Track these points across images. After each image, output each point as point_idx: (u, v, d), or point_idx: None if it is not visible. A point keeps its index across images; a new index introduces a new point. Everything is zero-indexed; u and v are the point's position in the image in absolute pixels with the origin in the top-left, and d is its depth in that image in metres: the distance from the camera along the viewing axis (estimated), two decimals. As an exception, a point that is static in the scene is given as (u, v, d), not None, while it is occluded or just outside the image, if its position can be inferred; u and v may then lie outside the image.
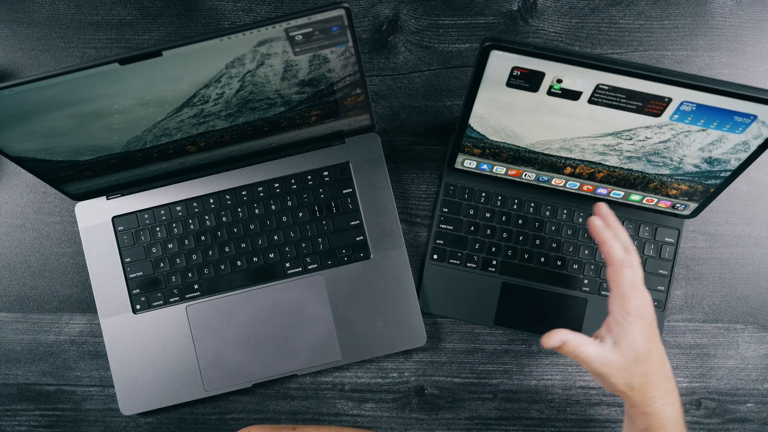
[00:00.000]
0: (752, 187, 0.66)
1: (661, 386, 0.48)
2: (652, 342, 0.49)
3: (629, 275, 0.49)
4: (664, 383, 0.49)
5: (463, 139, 0.58)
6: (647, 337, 0.48)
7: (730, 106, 0.46)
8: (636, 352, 0.48)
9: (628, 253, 0.50)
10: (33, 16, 0.69)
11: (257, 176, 0.64)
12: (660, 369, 0.49)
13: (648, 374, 0.48)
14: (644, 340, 0.48)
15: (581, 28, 0.68)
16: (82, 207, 0.64)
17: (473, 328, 0.64)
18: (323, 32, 0.46)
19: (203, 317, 0.62)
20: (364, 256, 0.63)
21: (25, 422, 0.64)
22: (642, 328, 0.48)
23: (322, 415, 0.63)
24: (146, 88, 0.48)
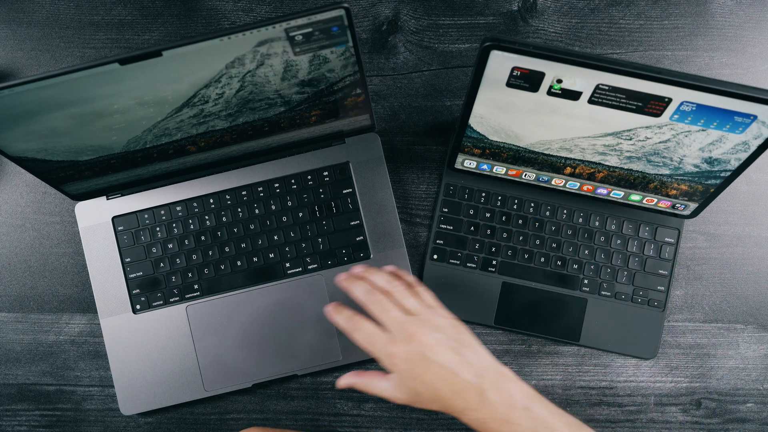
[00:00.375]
0: (752, 187, 0.66)
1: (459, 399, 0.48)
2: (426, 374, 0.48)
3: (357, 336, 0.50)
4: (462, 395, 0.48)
5: (463, 139, 0.58)
6: (418, 374, 0.48)
7: (730, 106, 0.46)
8: (412, 389, 0.49)
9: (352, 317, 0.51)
10: (33, 16, 0.69)
11: (257, 176, 0.64)
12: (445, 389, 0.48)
13: (438, 399, 0.48)
14: (415, 378, 0.48)
15: (581, 28, 0.68)
16: (82, 207, 0.64)
17: (473, 328, 0.64)
18: (323, 32, 0.46)
19: (203, 317, 0.62)
20: (364, 256, 0.63)
21: (25, 422, 0.64)
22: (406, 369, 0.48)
23: (322, 415, 0.63)
24: (146, 88, 0.48)
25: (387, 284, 0.52)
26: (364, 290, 0.51)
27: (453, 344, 0.49)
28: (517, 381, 0.49)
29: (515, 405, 0.48)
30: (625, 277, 0.63)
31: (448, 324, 0.51)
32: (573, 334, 0.63)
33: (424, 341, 0.48)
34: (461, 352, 0.49)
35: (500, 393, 0.48)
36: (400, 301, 0.51)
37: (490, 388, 0.48)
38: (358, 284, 0.52)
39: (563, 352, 0.64)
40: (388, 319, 0.49)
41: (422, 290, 0.53)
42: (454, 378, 0.48)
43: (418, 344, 0.48)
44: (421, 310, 0.50)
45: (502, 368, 0.50)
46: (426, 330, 0.49)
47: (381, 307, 0.50)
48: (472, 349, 0.50)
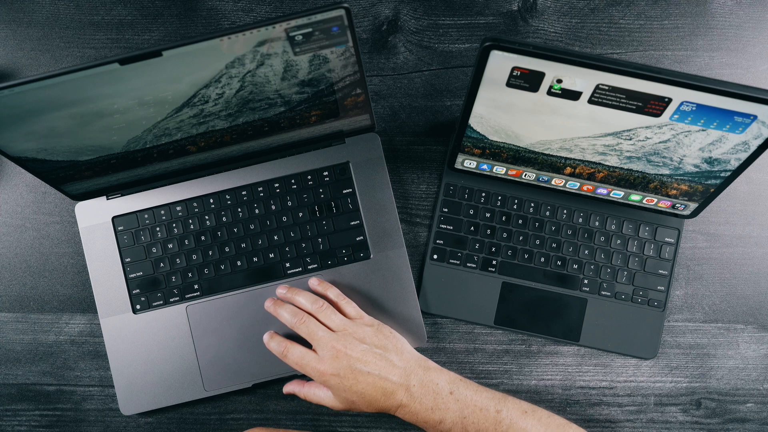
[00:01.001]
0: (752, 187, 0.66)
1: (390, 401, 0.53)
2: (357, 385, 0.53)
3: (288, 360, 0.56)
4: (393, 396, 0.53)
5: (463, 139, 0.58)
6: (349, 386, 0.53)
7: (730, 106, 0.46)
8: (348, 400, 0.54)
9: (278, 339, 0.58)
10: (33, 16, 0.69)
11: (257, 176, 0.64)
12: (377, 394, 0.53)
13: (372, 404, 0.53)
14: (348, 389, 0.53)
15: (581, 28, 0.68)
16: (82, 207, 0.64)
17: (473, 328, 0.64)
18: (323, 32, 0.46)
19: (203, 317, 0.62)
20: (364, 256, 0.63)
21: (25, 422, 0.64)
22: (338, 383, 0.53)
23: (321, 415, 0.63)
24: (146, 88, 0.48)
25: (311, 305, 0.57)
26: (290, 314, 0.57)
27: (378, 351, 0.54)
28: (440, 371, 0.55)
29: (439, 392, 0.53)
30: (625, 277, 0.63)
31: (371, 332, 0.56)
32: (573, 334, 0.63)
33: (350, 355, 0.53)
34: (386, 357, 0.54)
35: (425, 386, 0.53)
36: (324, 320, 0.56)
37: (415, 384, 0.53)
38: (284, 309, 0.57)
39: (563, 352, 0.64)
40: (316, 339, 0.55)
41: (345, 303, 0.59)
42: (383, 383, 0.53)
43: (345, 358, 0.53)
44: (344, 325, 0.56)
45: (427, 362, 0.56)
46: (351, 344, 0.54)
47: (307, 330, 0.55)
48: (396, 352, 0.55)
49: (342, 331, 0.55)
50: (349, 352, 0.53)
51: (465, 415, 0.52)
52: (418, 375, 0.54)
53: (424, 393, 0.53)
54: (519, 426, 0.52)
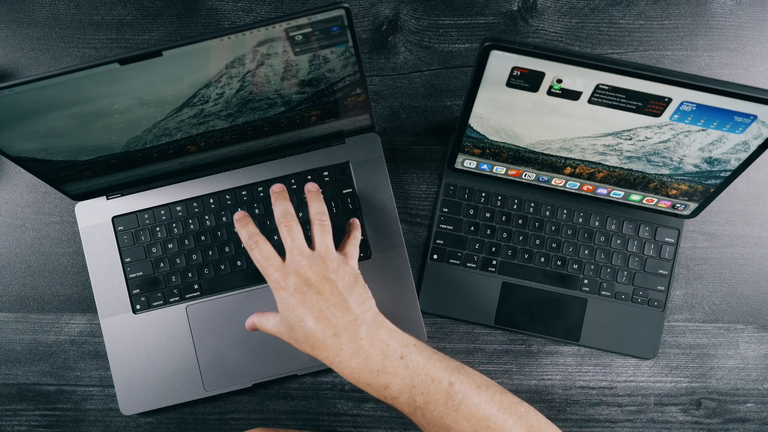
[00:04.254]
0: (752, 187, 0.66)
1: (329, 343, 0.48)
2: (300, 307, 0.48)
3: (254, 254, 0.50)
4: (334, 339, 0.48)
5: (463, 139, 0.58)
6: (293, 305, 0.48)
7: (730, 106, 0.46)
8: (287, 321, 0.49)
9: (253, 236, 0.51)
10: (33, 16, 0.69)
11: (257, 176, 0.64)
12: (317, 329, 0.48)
13: (309, 337, 0.48)
14: (291, 308, 0.48)
15: (581, 28, 0.68)
16: (82, 207, 0.64)
17: (473, 328, 0.64)
18: (323, 32, 0.46)
19: (203, 317, 0.62)
20: (364, 256, 0.63)
21: (25, 422, 0.64)
22: (285, 297, 0.49)
23: (322, 415, 0.63)
24: (146, 88, 0.48)
25: (314, 213, 0.52)
26: (282, 211, 0.51)
27: (341, 287, 0.49)
28: (394, 331, 0.50)
29: (389, 354, 0.48)
30: (625, 277, 0.63)
31: (347, 272, 0.50)
32: (573, 334, 0.63)
33: (310, 277, 0.49)
34: (345, 297, 0.49)
35: (373, 342, 0.48)
36: (315, 233, 0.51)
37: (364, 337, 0.48)
38: (283, 202, 0.52)
39: (563, 352, 0.64)
40: (292, 248, 0.50)
41: (352, 239, 0.54)
42: (326, 320, 0.48)
43: (303, 277, 0.49)
44: (328, 250, 0.51)
45: (384, 320, 0.50)
46: (319, 268, 0.49)
47: (288, 234, 0.50)
48: (359, 300, 0.49)
49: (321, 253, 0.50)
50: (309, 275, 0.49)
51: (414, 383, 0.47)
52: (369, 329, 0.48)
53: (371, 351, 0.47)
54: (471, 401, 0.47)
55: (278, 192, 0.53)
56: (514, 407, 0.48)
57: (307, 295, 0.48)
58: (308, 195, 0.54)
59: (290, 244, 0.50)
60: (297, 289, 0.49)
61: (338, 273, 0.50)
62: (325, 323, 0.48)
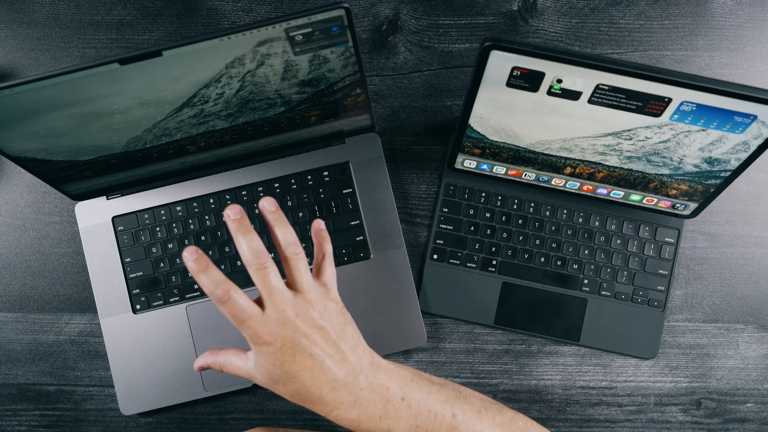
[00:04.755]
0: (752, 187, 0.66)
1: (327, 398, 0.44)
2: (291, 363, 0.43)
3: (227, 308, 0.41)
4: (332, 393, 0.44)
5: (463, 139, 0.58)
6: (281, 361, 0.42)
7: (730, 106, 0.46)
8: (271, 375, 0.43)
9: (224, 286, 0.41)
10: (33, 16, 0.69)
11: (257, 176, 0.64)
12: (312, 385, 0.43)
13: (302, 392, 0.44)
14: (278, 364, 0.43)
15: (581, 28, 0.68)
16: (82, 207, 0.64)
17: (473, 328, 0.64)
18: (323, 32, 0.46)
19: (203, 317, 0.62)
20: (364, 256, 0.63)
21: (25, 422, 0.64)
22: (270, 353, 0.42)
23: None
24: (146, 88, 0.48)
25: (287, 246, 0.44)
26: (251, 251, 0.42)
27: (333, 336, 0.44)
28: (391, 372, 0.46)
29: (391, 398, 0.45)
30: (625, 277, 0.63)
31: (334, 310, 0.45)
32: (573, 334, 0.63)
33: (299, 327, 0.43)
34: (339, 346, 0.44)
35: (374, 391, 0.45)
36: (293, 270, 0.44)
37: (364, 388, 0.44)
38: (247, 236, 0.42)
39: (563, 352, 0.64)
40: (272, 294, 0.42)
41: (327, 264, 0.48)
42: (324, 375, 0.43)
43: (292, 328, 0.42)
44: (309, 288, 0.44)
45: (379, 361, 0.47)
46: (306, 315, 0.43)
47: (264, 279, 0.42)
48: (353, 345, 0.45)
49: (304, 294, 0.44)
50: (299, 324, 0.42)
51: (418, 423, 0.45)
52: (368, 376, 0.45)
53: (373, 399, 0.45)
54: (475, 429, 0.47)
55: (238, 220, 0.42)
56: (513, 423, 0.49)
57: (298, 350, 0.43)
58: (268, 217, 0.44)
59: (269, 291, 0.42)
60: (285, 343, 0.42)
61: (325, 317, 0.44)
62: (322, 378, 0.43)
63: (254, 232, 0.42)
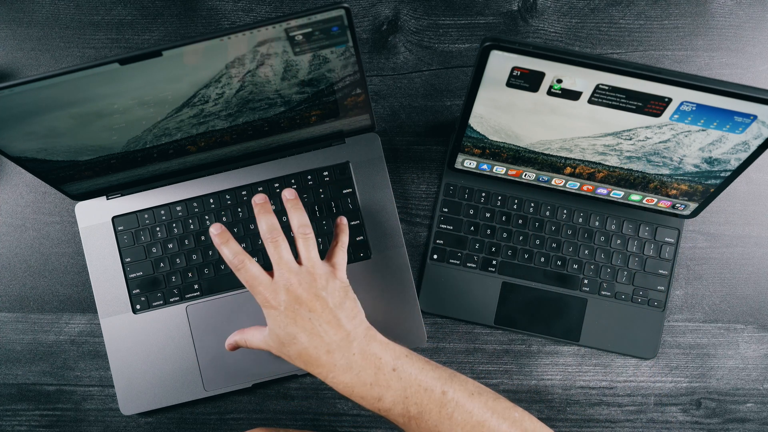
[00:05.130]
0: (752, 187, 0.66)
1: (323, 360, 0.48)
2: (292, 325, 0.48)
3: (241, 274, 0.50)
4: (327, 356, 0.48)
5: (463, 139, 0.58)
6: (285, 323, 0.49)
7: (730, 106, 0.46)
8: (278, 338, 0.49)
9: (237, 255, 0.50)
10: (33, 16, 0.69)
11: (257, 176, 0.64)
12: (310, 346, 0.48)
13: (302, 354, 0.49)
14: (282, 326, 0.49)
15: (581, 28, 0.68)
16: (82, 207, 0.64)
17: (473, 328, 0.64)
18: (323, 32, 0.46)
19: (203, 317, 0.62)
20: (364, 256, 0.63)
21: (25, 422, 0.64)
22: (276, 316, 0.49)
23: (322, 415, 0.63)
24: (146, 88, 0.48)
25: (298, 227, 0.51)
26: (268, 226, 0.50)
27: (331, 304, 0.49)
28: (386, 344, 0.50)
29: (382, 367, 0.48)
30: (625, 277, 0.63)
31: (336, 286, 0.51)
32: (573, 334, 0.63)
33: (300, 295, 0.49)
34: (335, 314, 0.49)
35: (366, 357, 0.48)
36: (301, 248, 0.51)
37: (356, 353, 0.48)
38: (267, 216, 0.51)
39: (563, 352, 0.64)
40: (279, 264, 0.49)
41: (339, 250, 0.54)
42: (319, 338, 0.48)
43: (294, 295, 0.49)
44: (315, 264, 0.50)
45: (375, 334, 0.51)
46: (309, 285, 0.49)
47: (275, 251, 0.50)
48: (350, 315, 0.50)
49: (309, 268, 0.50)
50: (300, 292, 0.49)
51: (407, 394, 0.48)
52: (361, 344, 0.49)
53: (364, 365, 0.48)
54: (465, 408, 0.47)
55: (261, 204, 0.51)
56: (507, 412, 0.48)
57: (299, 313, 0.49)
58: (287, 204, 0.53)
59: (278, 261, 0.50)
60: (288, 307, 0.49)
61: (327, 289, 0.50)
62: (318, 340, 0.48)
63: (273, 214, 0.51)
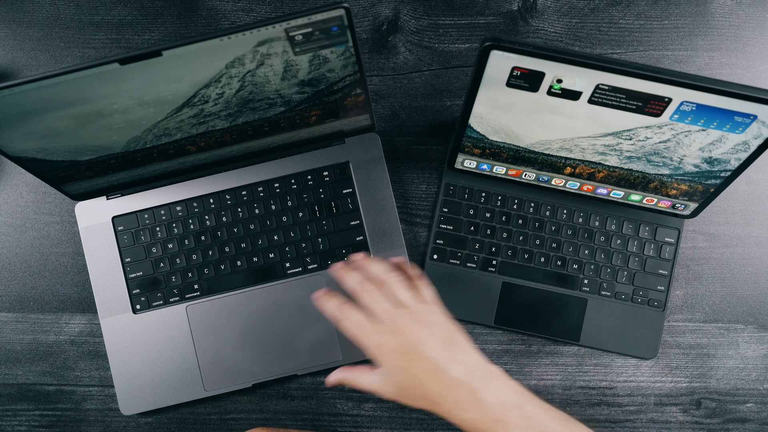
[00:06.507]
0: (752, 187, 0.66)
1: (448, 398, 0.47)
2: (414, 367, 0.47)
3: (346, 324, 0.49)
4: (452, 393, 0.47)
5: (463, 139, 0.58)
6: (404, 366, 0.47)
7: (730, 106, 0.46)
8: (398, 383, 0.48)
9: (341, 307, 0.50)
10: (33, 16, 0.69)
11: (257, 176, 0.64)
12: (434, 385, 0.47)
13: (426, 396, 0.47)
14: (402, 371, 0.47)
15: (581, 28, 0.68)
16: (82, 207, 0.64)
17: (473, 328, 0.64)
18: (323, 32, 0.46)
19: (203, 317, 0.62)
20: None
21: (25, 422, 0.64)
22: (393, 363, 0.47)
23: (322, 415, 0.63)
24: (146, 88, 0.48)
25: (383, 274, 0.50)
26: (357, 280, 0.50)
27: (443, 340, 0.48)
28: (507, 380, 0.49)
29: (508, 404, 0.47)
30: (625, 277, 0.63)
31: (440, 321, 0.50)
32: (573, 334, 0.63)
33: (413, 334, 0.47)
34: (451, 349, 0.48)
35: (492, 392, 0.47)
36: (393, 292, 0.50)
37: (482, 387, 0.47)
38: (352, 273, 0.51)
39: (563, 352, 0.64)
40: (379, 310, 0.48)
41: (422, 285, 0.52)
42: (442, 374, 0.47)
43: (407, 336, 0.47)
44: (414, 303, 0.49)
45: (492, 367, 0.49)
46: (417, 324, 0.48)
47: (372, 298, 0.49)
48: (463, 348, 0.49)
49: (410, 308, 0.49)
50: (412, 332, 0.47)
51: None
52: (484, 379, 0.47)
53: (490, 401, 0.46)
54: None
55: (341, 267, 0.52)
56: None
57: (415, 355, 0.47)
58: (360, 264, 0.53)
59: (376, 306, 0.49)
60: (402, 350, 0.47)
61: (433, 325, 0.49)
62: (441, 380, 0.47)
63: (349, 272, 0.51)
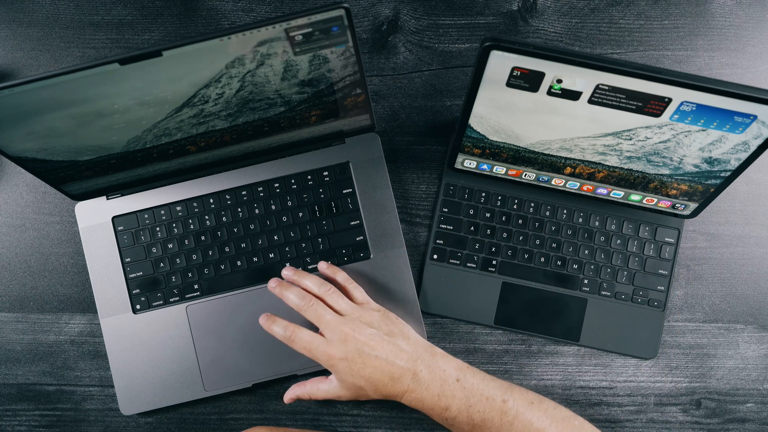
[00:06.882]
0: (752, 187, 0.66)
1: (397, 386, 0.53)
2: (365, 369, 0.52)
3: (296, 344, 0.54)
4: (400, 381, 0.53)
5: (463, 139, 0.58)
6: (356, 370, 0.53)
7: (730, 106, 0.46)
8: (353, 385, 0.54)
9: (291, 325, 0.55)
10: (33, 16, 0.69)
11: (257, 176, 0.64)
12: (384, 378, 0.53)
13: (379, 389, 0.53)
14: (354, 373, 0.53)
15: (581, 28, 0.68)
16: (82, 207, 0.64)
17: (473, 328, 0.64)
18: (323, 32, 0.46)
19: (203, 317, 0.62)
20: (364, 256, 0.63)
21: (25, 422, 0.64)
22: (345, 367, 0.53)
23: (321, 415, 0.63)
24: (146, 88, 0.48)
25: (318, 288, 0.56)
26: (298, 297, 0.55)
27: (385, 336, 0.54)
28: (448, 357, 0.55)
29: (446, 379, 0.53)
30: (625, 277, 0.63)
31: (378, 317, 0.56)
32: (573, 334, 0.63)
33: (358, 338, 0.53)
34: (394, 342, 0.54)
35: (432, 371, 0.53)
36: (331, 304, 0.56)
37: (422, 369, 0.53)
38: (290, 291, 0.56)
39: (563, 352, 0.64)
40: (324, 323, 0.54)
41: (353, 288, 0.59)
42: (390, 367, 0.53)
43: (353, 342, 0.53)
44: (352, 309, 0.56)
45: (434, 348, 0.55)
46: (359, 328, 0.54)
47: (315, 314, 0.54)
48: (404, 337, 0.55)
49: (350, 315, 0.55)
50: (357, 336, 0.53)
51: (471, 403, 0.52)
52: (426, 360, 0.53)
53: (431, 379, 0.53)
54: (524, 417, 0.51)
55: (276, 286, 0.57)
56: (567, 421, 0.51)
57: (364, 356, 0.52)
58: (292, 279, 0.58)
59: (320, 320, 0.54)
60: (352, 356, 0.53)
61: (374, 324, 0.55)
62: (390, 372, 0.53)
63: (291, 285, 0.57)
